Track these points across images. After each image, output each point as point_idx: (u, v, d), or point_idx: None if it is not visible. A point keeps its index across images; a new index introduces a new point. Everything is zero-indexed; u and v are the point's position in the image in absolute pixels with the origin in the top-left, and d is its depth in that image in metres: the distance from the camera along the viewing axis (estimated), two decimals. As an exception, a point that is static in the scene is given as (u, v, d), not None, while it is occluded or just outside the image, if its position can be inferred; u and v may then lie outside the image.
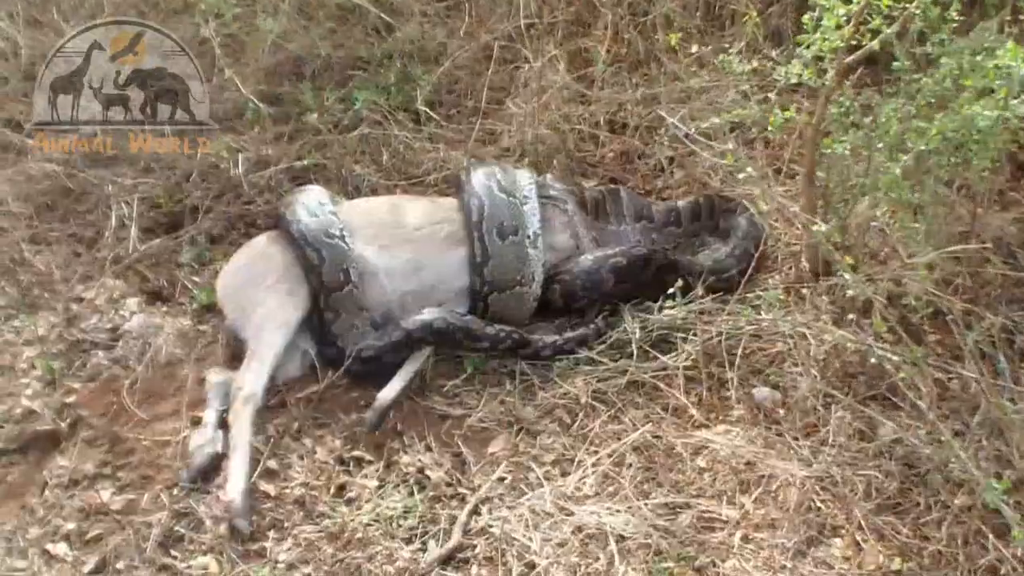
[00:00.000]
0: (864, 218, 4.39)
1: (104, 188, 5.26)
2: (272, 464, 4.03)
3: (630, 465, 4.01)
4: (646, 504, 3.82)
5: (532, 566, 3.63)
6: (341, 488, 3.96)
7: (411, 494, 3.91)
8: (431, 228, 4.63)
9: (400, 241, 4.59)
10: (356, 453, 4.11)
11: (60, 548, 3.71)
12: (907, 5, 3.92)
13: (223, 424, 4.14)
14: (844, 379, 4.25)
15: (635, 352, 4.39)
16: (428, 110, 5.60)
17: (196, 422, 4.18)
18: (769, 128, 4.26)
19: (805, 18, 4.10)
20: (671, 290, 4.43)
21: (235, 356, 4.46)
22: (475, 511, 3.85)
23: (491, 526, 3.78)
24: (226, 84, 5.69)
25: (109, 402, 4.30)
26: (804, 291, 4.60)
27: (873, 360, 3.91)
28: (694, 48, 4.55)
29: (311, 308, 4.44)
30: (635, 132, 5.59)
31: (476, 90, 5.79)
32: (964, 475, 3.72)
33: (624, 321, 4.56)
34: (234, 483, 3.85)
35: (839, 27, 3.95)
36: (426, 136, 5.56)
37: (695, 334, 4.42)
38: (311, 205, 4.57)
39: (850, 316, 4.32)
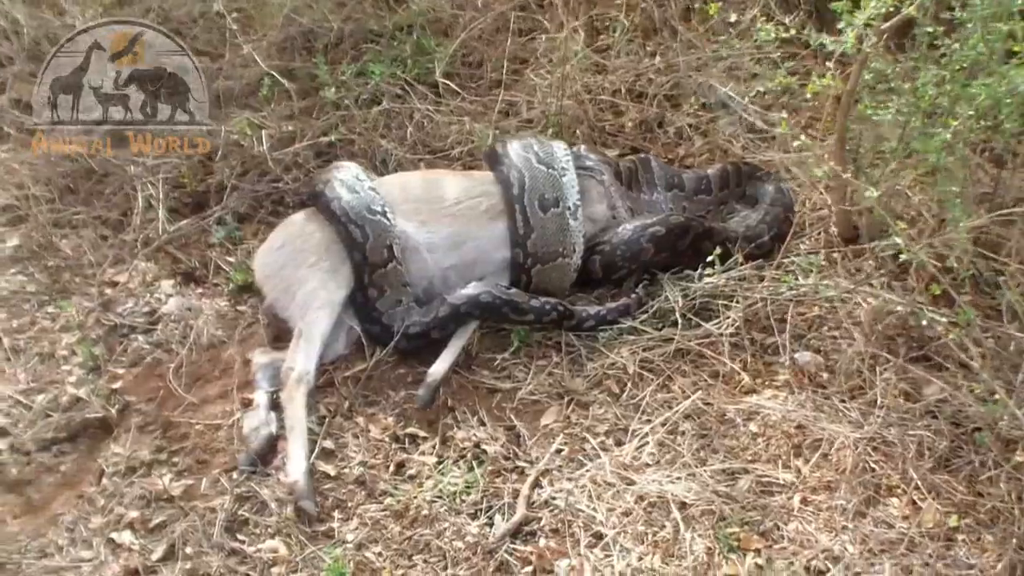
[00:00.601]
0: (892, 182, 4.42)
1: (127, 169, 5.20)
2: (328, 444, 4.02)
3: (684, 433, 4.03)
4: (705, 471, 3.85)
5: (599, 536, 3.65)
6: (400, 466, 3.96)
7: (470, 469, 3.92)
8: (470, 202, 4.61)
9: (440, 216, 4.58)
10: (410, 430, 4.10)
11: (125, 536, 3.68)
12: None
13: (275, 405, 4.13)
14: (884, 342, 4.28)
15: (679, 320, 4.40)
16: (448, 83, 5.57)
17: (246, 404, 4.16)
18: (807, 94, 4.29)
19: (840, -16, 4.11)
20: (710, 258, 4.45)
21: (277, 336, 4.45)
22: (536, 484, 3.85)
23: (554, 498, 3.79)
24: (240, 60, 5.64)
25: (155, 387, 4.28)
26: (835, 256, 4.64)
27: (924, 322, 3.95)
28: (733, 17, 4.53)
29: (354, 286, 4.41)
30: (653, 101, 5.58)
31: (492, 61, 5.76)
32: (1017, 432, 3.79)
33: (663, 290, 4.59)
34: (295, 464, 3.84)
35: (884, -5, 3.97)
36: (447, 109, 5.53)
37: (736, 301, 4.46)
38: (349, 181, 4.53)
39: (882, 279, 4.41)
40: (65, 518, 3.75)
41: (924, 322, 3.94)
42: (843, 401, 4.12)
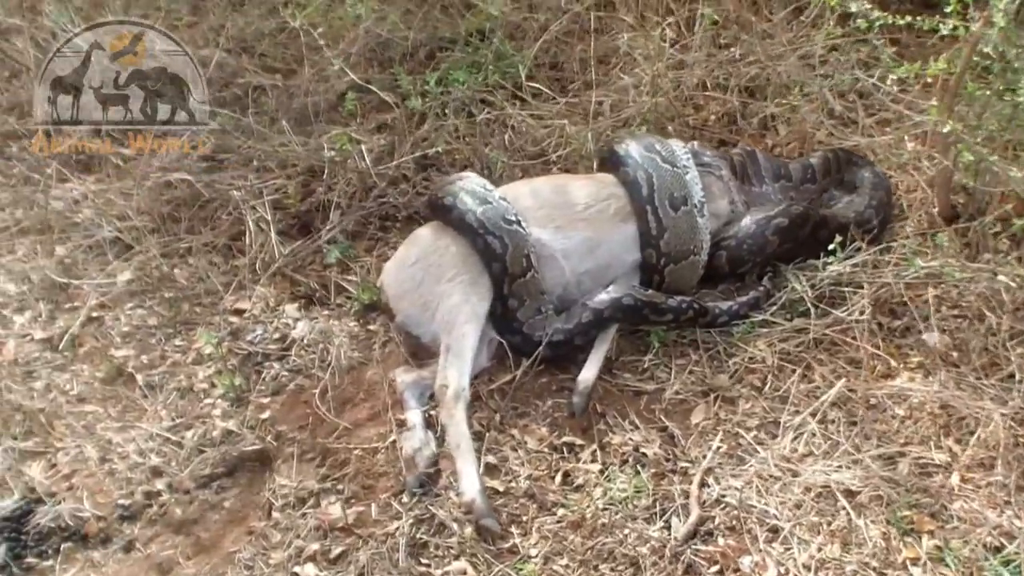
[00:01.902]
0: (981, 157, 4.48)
1: (229, 194, 5.12)
2: (490, 459, 3.99)
3: (834, 421, 4.06)
4: (864, 456, 3.88)
5: (775, 530, 3.67)
6: (566, 475, 3.94)
7: (636, 473, 3.91)
8: (600, 205, 4.59)
9: (573, 221, 4.55)
10: (566, 439, 4.08)
11: (308, 570, 3.63)
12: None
13: (428, 424, 4.11)
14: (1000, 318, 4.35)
15: (811, 310, 4.43)
16: (540, 87, 5.56)
17: (400, 425, 4.12)
18: (926, 75, 4.34)
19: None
20: (831, 246, 4.49)
21: (413, 353, 4.42)
22: (703, 483, 3.86)
23: (724, 495, 3.80)
24: (316, 76, 5.59)
25: (303, 414, 4.23)
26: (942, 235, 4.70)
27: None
28: (853, 7, 4.54)
29: (493, 297, 4.38)
30: (733, 92, 5.59)
31: (572, 63, 5.76)
32: None
33: (787, 281, 4.62)
34: (468, 483, 3.81)
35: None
36: (540, 113, 5.49)
37: (861, 286, 4.49)
38: (479, 192, 4.49)
39: (987, 256, 4.49)
40: (241, 555, 3.69)
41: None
42: (979, 379, 4.16)
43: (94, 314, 4.73)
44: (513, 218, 4.41)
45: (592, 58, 5.59)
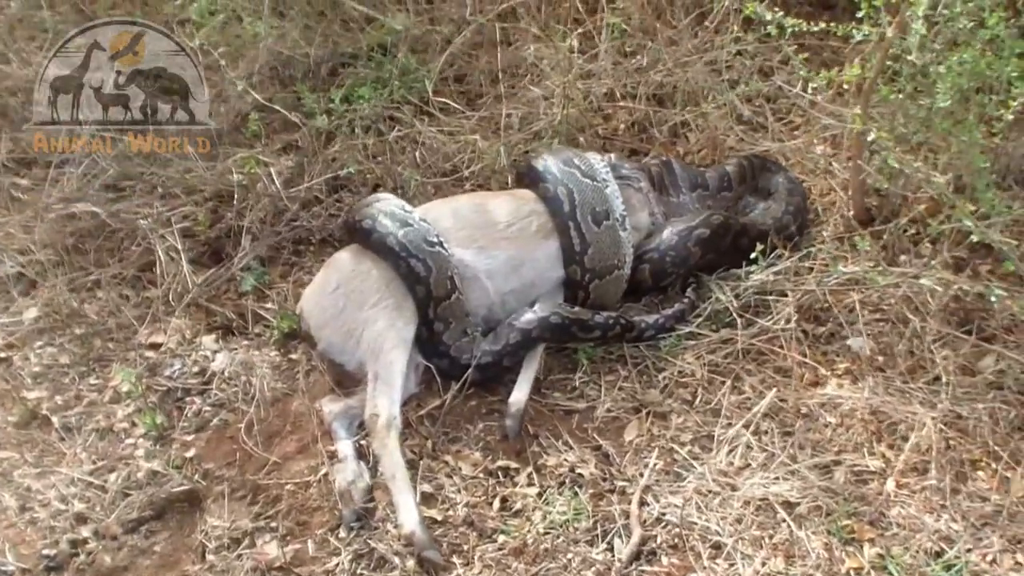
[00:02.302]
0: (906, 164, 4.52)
1: (136, 223, 4.94)
2: (426, 487, 3.90)
3: (767, 432, 4.05)
4: (800, 467, 3.87)
5: (718, 547, 3.65)
6: (504, 501, 3.87)
7: (574, 495, 3.85)
8: (522, 223, 4.52)
9: (496, 240, 4.47)
10: (501, 463, 4.01)
11: (249, 615, 3.52)
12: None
13: (360, 454, 4.01)
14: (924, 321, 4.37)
15: (737, 320, 4.42)
16: (448, 101, 5.47)
17: (331, 457, 4.00)
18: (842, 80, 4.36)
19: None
20: (754, 254, 4.49)
21: (338, 382, 4.30)
22: (642, 502, 3.82)
23: (664, 513, 3.76)
24: (217, 98, 5.44)
25: (230, 450, 4.10)
26: (856, 239, 4.71)
27: (994, 299, 4.06)
28: (768, 15, 4.52)
29: (418, 321, 4.29)
30: (642, 100, 5.54)
31: (477, 75, 5.69)
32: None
33: (711, 291, 4.62)
34: (407, 514, 3.71)
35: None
36: (450, 128, 5.40)
37: (785, 294, 4.50)
38: (398, 214, 4.38)
39: (903, 257, 4.53)
40: (179, 603, 3.56)
41: (993, 299, 4.06)
42: (906, 383, 4.19)
43: (1, 355, 4.54)
44: (435, 239, 4.31)
45: (499, 70, 5.53)
